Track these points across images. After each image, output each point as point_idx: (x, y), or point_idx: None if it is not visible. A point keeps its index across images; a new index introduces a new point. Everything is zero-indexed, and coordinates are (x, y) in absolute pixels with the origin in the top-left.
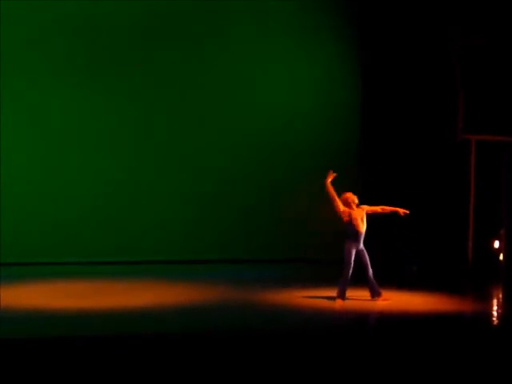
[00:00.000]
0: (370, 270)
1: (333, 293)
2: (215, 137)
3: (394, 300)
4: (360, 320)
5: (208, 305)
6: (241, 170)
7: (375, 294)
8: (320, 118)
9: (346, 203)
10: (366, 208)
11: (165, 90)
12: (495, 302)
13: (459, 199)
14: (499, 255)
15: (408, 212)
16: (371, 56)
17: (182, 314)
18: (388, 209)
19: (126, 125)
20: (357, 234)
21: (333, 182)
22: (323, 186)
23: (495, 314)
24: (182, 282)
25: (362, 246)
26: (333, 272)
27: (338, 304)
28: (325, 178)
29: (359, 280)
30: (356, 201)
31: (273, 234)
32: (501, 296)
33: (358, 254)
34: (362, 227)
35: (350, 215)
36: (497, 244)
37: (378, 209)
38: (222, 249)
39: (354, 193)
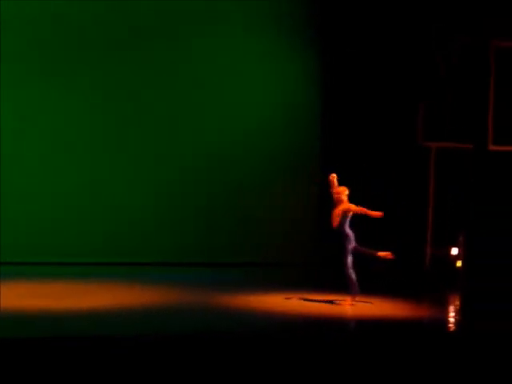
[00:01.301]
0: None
1: (287, 295)
2: (179, 136)
3: (351, 305)
4: (316, 324)
5: (166, 307)
6: (204, 170)
7: (353, 292)
8: (281, 121)
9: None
10: (349, 206)
11: (139, 89)
12: (452, 308)
13: (418, 206)
14: (456, 262)
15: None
16: (333, 59)
17: (141, 316)
18: (363, 211)
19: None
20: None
21: (295, 184)
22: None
23: (451, 320)
24: (139, 284)
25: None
26: (287, 275)
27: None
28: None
29: (316, 283)
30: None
31: (234, 236)
32: (457, 303)
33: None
34: (335, 223)
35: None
36: (454, 251)
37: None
38: (182, 251)
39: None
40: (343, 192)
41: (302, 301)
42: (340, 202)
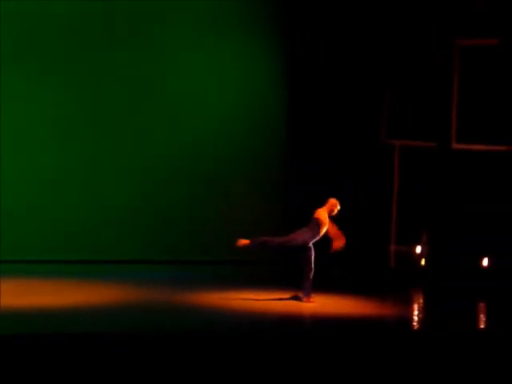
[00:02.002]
0: (312, 269)
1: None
2: (145, 137)
3: (318, 303)
4: (285, 323)
5: (135, 305)
6: (171, 170)
7: (306, 295)
8: (245, 120)
9: (330, 209)
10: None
11: (109, 89)
12: (416, 306)
13: (382, 204)
14: (421, 260)
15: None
16: (298, 57)
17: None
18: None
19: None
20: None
21: (261, 184)
22: None
23: (415, 318)
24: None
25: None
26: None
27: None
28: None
29: (284, 280)
30: (336, 211)
31: (203, 234)
32: (421, 301)
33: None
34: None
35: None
36: (418, 249)
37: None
38: (151, 249)
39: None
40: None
41: (268, 299)
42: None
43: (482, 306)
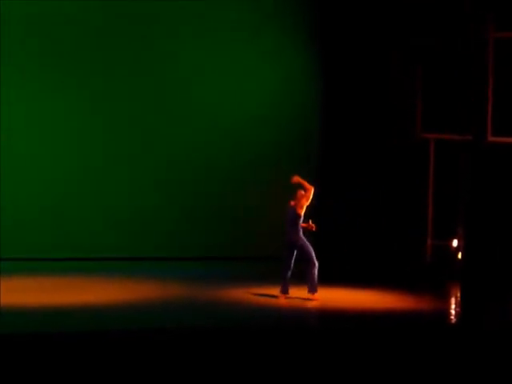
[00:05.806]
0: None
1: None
2: (175, 136)
3: (354, 297)
4: (324, 317)
5: (162, 302)
6: (202, 168)
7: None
8: (280, 117)
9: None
10: None
11: (141, 87)
12: (453, 300)
13: (418, 198)
14: (457, 254)
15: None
16: (332, 56)
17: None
18: None
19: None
20: None
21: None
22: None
23: (453, 312)
24: (137, 279)
25: None
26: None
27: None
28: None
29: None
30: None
31: (223, 232)
32: (458, 294)
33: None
34: None
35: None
36: (455, 243)
37: None
38: (172, 246)
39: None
40: None
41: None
42: None
43: None
